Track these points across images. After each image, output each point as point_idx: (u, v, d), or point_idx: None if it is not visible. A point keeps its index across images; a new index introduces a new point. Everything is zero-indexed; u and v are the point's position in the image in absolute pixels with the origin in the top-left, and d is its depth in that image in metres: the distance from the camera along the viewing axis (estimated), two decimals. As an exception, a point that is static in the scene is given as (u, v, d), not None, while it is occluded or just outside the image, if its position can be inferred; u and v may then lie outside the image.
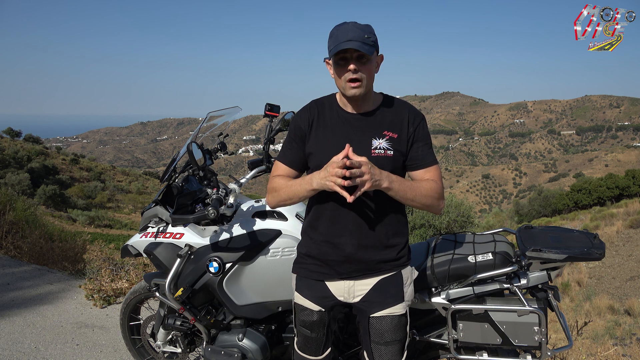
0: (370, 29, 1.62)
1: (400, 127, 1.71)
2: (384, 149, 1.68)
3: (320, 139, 1.73)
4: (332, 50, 1.59)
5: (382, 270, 1.75)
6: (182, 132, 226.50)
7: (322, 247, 1.75)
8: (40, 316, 3.72)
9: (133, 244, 2.45)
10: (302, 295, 1.82)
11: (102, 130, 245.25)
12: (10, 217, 5.37)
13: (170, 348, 2.63)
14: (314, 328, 1.81)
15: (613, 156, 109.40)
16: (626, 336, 5.68)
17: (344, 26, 1.60)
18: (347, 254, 1.72)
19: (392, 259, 1.75)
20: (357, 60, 1.60)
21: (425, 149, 1.73)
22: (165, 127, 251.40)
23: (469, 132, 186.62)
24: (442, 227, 9.69)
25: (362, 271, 1.74)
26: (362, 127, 1.71)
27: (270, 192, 1.77)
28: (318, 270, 1.78)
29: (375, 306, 1.75)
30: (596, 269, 10.98)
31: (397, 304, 1.75)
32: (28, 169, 32.61)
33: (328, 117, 1.75)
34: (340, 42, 1.57)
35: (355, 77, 1.60)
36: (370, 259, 1.73)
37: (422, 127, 1.74)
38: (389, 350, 1.75)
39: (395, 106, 1.76)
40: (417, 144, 1.72)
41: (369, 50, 1.58)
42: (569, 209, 25.22)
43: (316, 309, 1.80)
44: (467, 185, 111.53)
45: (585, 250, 1.86)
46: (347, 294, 1.77)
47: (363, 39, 1.57)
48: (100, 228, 21.68)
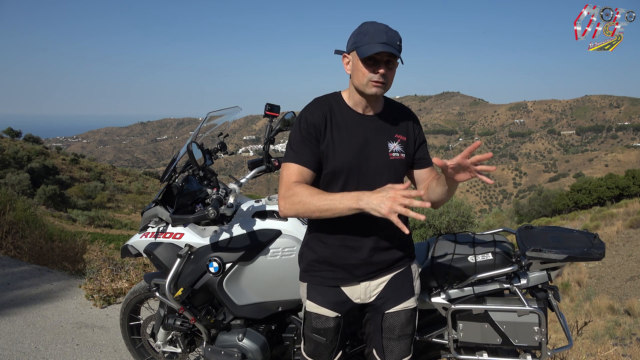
0: (399, 35, 1.60)
1: (407, 130, 1.76)
2: (398, 152, 1.72)
3: (335, 139, 1.65)
4: (367, 50, 1.53)
5: (395, 267, 1.80)
6: (182, 132, 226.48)
7: (338, 251, 1.72)
8: (40, 316, 3.72)
9: (133, 244, 2.45)
10: (316, 303, 1.76)
11: (102, 130, 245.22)
12: (10, 217, 5.36)
13: (170, 348, 2.63)
14: (328, 335, 1.77)
15: (613, 156, 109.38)
16: (626, 336, 5.68)
17: (379, 26, 1.56)
18: (365, 256, 1.72)
19: (405, 255, 1.81)
20: (385, 64, 1.59)
21: (426, 149, 1.83)
22: (165, 127, 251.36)
23: (469, 132, 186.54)
24: (442, 227, 9.68)
25: (380, 270, 1.76)
26: (376, 129, 1.70)
27: (288, 199, 1.56)
28: (333, 276, 1.74)
29: (390, 302, 1.78)
30: (596, 269, 10.98)
31: (410, 298, 1.81)
32: (28, 169, 32.61)
33: (339, 117, 1.68)
34: (377, 43, 1.53)
35: (382, 80, 1.59)
36: (387, 259, 1.76)
37: (421, 128, 1.83)
38: (401, 345, 1.79)
39: (398, 109, 1.80)
40: (423, 145, 1.81)
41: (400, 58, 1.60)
42: (569, 209, 25.22)
43: (333, 315, 1.75)
44: (467, 185, 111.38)
45: (585, 250, 1.86)
46: (364, 295, 1.77)
47: (396, 44, 1.56)
48: (100, 228, 21.68)
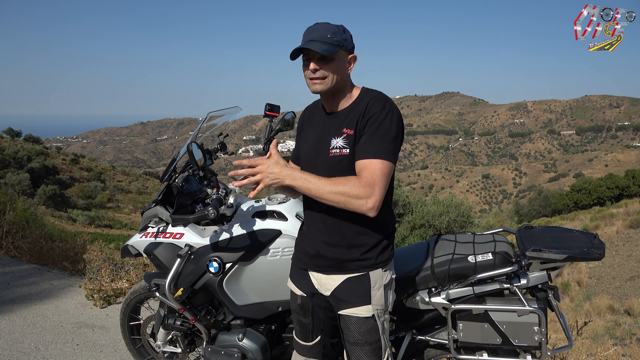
0: (337, 29, 1.62)
1: (357, 122, 1.65)
2: (340, 147, 1.68)
3: (304, 140, 1.86)
4: (293, 50, 1.62)
5: (349, 269, 1.75)
6: (182, 132, 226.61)
7: (304, 239, 1.87)
8: (40, 316, 3.72)
9: (133, 244, 2.45)
10: (292, 279, 1.96)
11: (102, 130, 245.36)
12: (10, 217, 5.37)
13: (170, 348, 2.63)
14: (300, 312, 1.93)
15: (613, 156, 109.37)
16: (626, 336, 5.68)
17: (312, 27, 1.64)
18: (317, 249, 1.79)
19: (356, 258, 1.73)
20: (319, 60, 1.62)
21: (369, 139, 1.60)
22: (165, 127, 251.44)
23: (469, 132, 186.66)
24: (442, 227, 9.68)
25: (330, 267, 1.78)
26: (327, 127, 1.75)
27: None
28: (302, 259, 1.88)
29: (342, 304, 1.77)
30: (596, 269, 10.98)
31: (362, 305, 1.74)
32: (28, 169, 32.62)
33: (314, 118, 1.85)
34: (302, 42, 1.61)
35: (316, 75, 1.63)
36: (335, 256, 1.75)
37: (376, 118, 1.61)
38: (361, 351, 1.76)
39: (362, 101, 1.69)
40: (364, 136, 1.62)
41: (329, 49, 1.58)
42: (569, 209, 25.22)
43: (299, 293, 1.91)
44: (467, 185, 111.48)
45: (585, 250, 1.86)
46: (320, 286, 1.84)
47: (325, 38, 1.59)
48: (100, 228, 21.69)
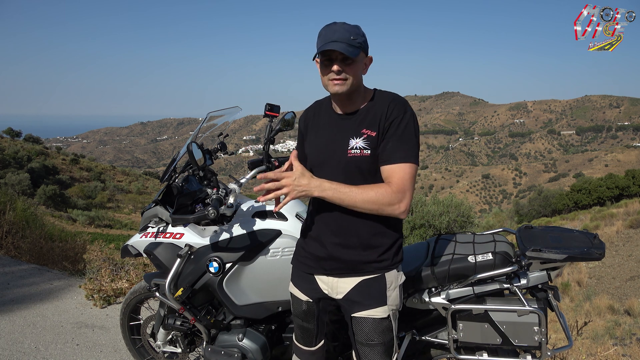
0: (357, 30, 1.61)
1: (379, 123, 1.64)
2: (360, 148, 1.64)
3: (311, 141, 1.80)
4: (318, 50, 1.60)
5: (364, 271, 1.73)
6: (182, 132, 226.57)
7: (311, 242, 1.81)
8: (40, 316, 3.72)
9: (133, 244, 2.45)
10: (294, 284, 1.90)
11: (102, 130, 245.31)
12: (10, 217, 5.37)
13: (170, 348, 2.63)
14: (304, 318, 1.88)
15: (613, 156, 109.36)
16: (626, 336, 5.68)
17: (332, 26, 1.61)
18: (330, 252, 1.74)
19: (373, 260, 1.71)
20: (341, 62, 1.60)
21: (396, 144, 1.61)
22: (165, 127, 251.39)
23: (469, 132, 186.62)
24: (442, 227, 9.68)
25: (344, 270, 1.74)
26: (342, 127, 1.71)
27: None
28: (308, 263, 1.83)
29: (356, 306, 1.74)
30: (596, 269, 10.98)
31: (378, 307, 1.72)
32: (28, 169, 32.61)
33: (320, 119, 1.80)
34: (326, 43, 1.57)
35: (339, 77, 1.61)
36: (350, 258, 1.72)
37: (400, 121, 1.62)
38: (373, 352, 1.75)
39: (380, 102, 1.68)
40: (388, 138, 1.62)
41: (353, 52, 1.57)
42: (569, 209, 25.21)
43: (304, 299, 1.86)
44: (467, 185, 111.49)
45: (585, 250, 1.86)
46: (331, 290, 1.79)
47: (349, 40, 1.57)
48: (100, 228, 21.69)
